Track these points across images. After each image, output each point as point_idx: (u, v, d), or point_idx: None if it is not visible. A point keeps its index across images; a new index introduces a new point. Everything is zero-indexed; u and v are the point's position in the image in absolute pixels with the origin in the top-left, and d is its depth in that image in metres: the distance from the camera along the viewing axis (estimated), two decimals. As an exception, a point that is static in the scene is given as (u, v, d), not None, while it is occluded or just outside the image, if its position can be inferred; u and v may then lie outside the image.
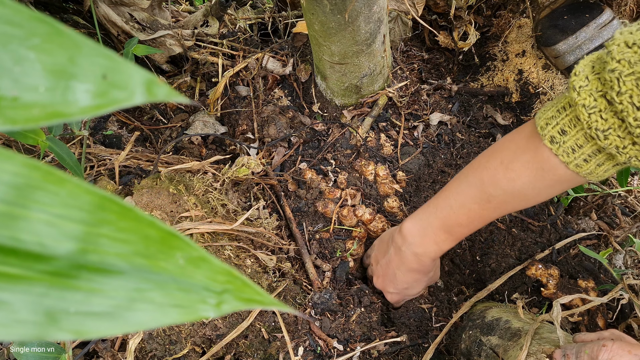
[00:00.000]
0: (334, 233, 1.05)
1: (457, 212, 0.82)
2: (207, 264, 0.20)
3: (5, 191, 0.18)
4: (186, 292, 0.19)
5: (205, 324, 0.85)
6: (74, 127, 0.97)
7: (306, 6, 0.95)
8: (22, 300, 0.18)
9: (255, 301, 0.20)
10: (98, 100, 0.19)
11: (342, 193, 1.07)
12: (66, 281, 0.19)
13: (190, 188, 0.97)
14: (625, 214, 1.19)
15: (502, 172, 0.73)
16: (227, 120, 1.25)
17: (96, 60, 0.19)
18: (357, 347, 0.94)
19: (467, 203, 0.80)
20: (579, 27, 1.07)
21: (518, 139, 0.72)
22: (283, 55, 1.25)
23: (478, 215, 0.80)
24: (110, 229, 0.19)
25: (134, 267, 0.19)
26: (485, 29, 1.24)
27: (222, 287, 0.20)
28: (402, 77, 1.20)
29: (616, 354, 0.67)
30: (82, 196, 0.19)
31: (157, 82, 0.19)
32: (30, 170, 0.18)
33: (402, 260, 0.92)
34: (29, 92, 0.18)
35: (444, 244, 0.87)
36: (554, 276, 1.03)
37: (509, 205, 0.78)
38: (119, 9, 1.18)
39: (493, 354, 0.88)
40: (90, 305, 0.19)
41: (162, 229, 0.19)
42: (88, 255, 0.19)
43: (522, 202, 0.76)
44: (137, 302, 0.19)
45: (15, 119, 0.18)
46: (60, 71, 0.19)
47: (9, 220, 0.18)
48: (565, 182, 0.70)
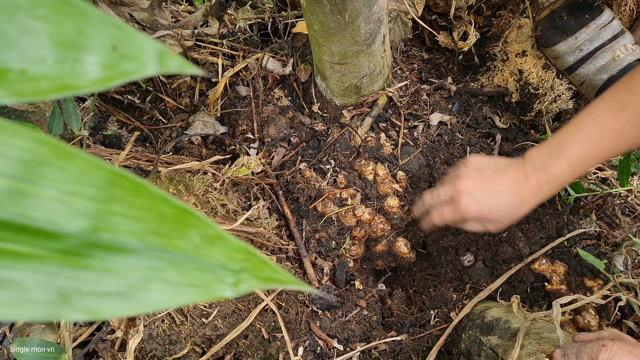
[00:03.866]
0: (334, 232, 1.05)
1: (584, 129, 0.77)
2: (223, 242, 0.19)
3: (14, 167, 0.17)
4: (202, 271, 0.19)
5: (205, 324, 0.85)
6: (74, 127, 0.96)
7: (306, 6, 0.94)
8: (33, 279, 0.17)
9: (273, 280, 0.19)
10: (108, 73, 0.18)
11: (341, 193, 1.07)
12: (78, 260, 0.18)
13: (190, 188, 0.96)
14: (625, 214, 1.19)
15: (637, 77, 0.72)
16: (227, 120, 1.25)
17: (105, 31, 0.18)
18: (357, 347, 0.94)
19: (597, 117, 0.76)
20: (579, 28, 1.07)
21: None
22: (283, 55, 1.25)
23: (609, 130, 0.75)
24: (122, 206, 0.18)
25: (148, 245, 0.19)
26: (485, 29, 1.24)
27: (239, 265, 0.19)
28: (402, 77, 1.19)
29: (616, 353, 0.67)
30: (92, 172, 0.18)
31: (169, 52, 0.18)
32: (39, 145, 0.18)
33: (512, 176, 0.84)
34: (36, 65, 0.18)
35: (571, 168, 0.79)
36: (557, 272, 1.02)
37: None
38: (118, 9, 1.18)
39: (493, 354, 0.87)
40: (103, 285, 0.18)
41: (177, 206, 0.19)
42: (100, 233, 0.18)
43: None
44: (152, 281, 0.19)
45: (22, 92, 0.17)
46: (68, 43, 0.18)
47: (18, 196, 0.17)
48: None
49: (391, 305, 1.10)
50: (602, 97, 0.78)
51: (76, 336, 0.82)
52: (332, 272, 1.03)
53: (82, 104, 1.13)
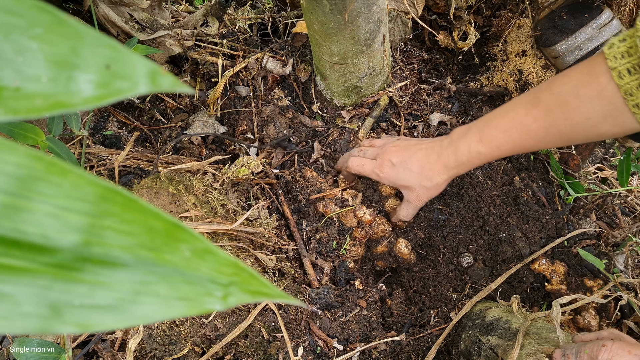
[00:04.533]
0: (334, 233, 1.05)
1: (502, 115, 0.80)
2: (212, 256, 0.19)
3: (8, 182, 0.18)
4: (192, 285, 0.19)
5: (205, 324, 0.85)
6: (74, 127, 0.96)
7: (306, 6, 0.94)
8: (26, 292, 0.18)
9: (262, 293, 0.20)
10: (101, 91, 0.19)
11: (342, 193, 1.07)
12: (70, 274, 0.18)
13: (190, 188, 0.96)
14: (625, 214, 1.19)
15: (559, 78, 0.73)
16: (227, 120, 1.25)
17: (99, 50, 0.19)
18: (357, 347, 0.94)
19: (515, 107, 0.79)
20: (579, 28, 1.06)
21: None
22: (283, 55, 1.25)
23: (519, 122, 0.77)
24: (114, 221, 0.19)
25: (139, 259, 0.19)
26: (485, 29, 1.24)
27: (228, 279, 0.19)
28: (402, 77, 1.19)
29: (616, 353, 0.67)
30: (85, 187, 0.18)
31: (161, 72, 0.19)
32: (33, 161, 0.18)
33: (429, 146, 0.90)
34: (31, 83, 0.18)
35: (477, 147, 0.83)
36: (557, 272, 1.03)
37: (551, 117, 0.74)
38: (118, 9, 1.18)
39: (493, 354, 0.88)
40: (94, 299, 0.18)
41: (167, 221, 0.19)
42: (92, 247, 0.19)
43: (564, 115, 0.72)
44: (142, 295, 0.19)
45: (17, 110, 0.18)
46: (62, 61, 0.18)
47: (12, 211, 0.18)
48: (605, 100, 0.67)
49: (391, 305, 1.10)
50: (529, 90, 0.81)
51: (76, 336, 0.82)
52: (332, 272, 1.03)
53: (83, 104, 1.14)
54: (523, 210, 1.09)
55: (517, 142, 0.79)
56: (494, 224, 1.10)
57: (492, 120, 0.82)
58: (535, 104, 0.75)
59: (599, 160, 1.48)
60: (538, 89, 0.77)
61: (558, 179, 1.12)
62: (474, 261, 1.11)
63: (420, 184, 0.92)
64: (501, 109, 0.82)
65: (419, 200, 0.95)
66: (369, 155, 1.00)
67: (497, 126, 0.80)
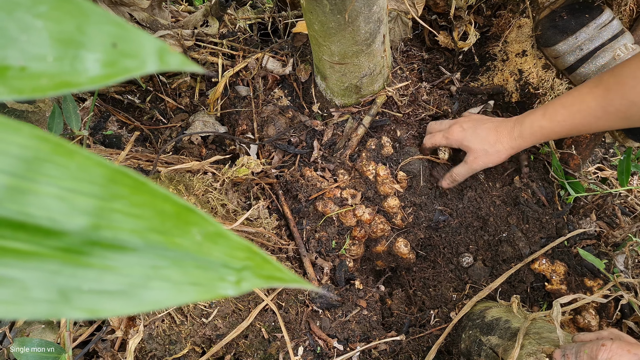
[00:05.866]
0: (334, 232, 1.05)
1: (567, 94, 0.88)
2: (225, 239, 0.19)
3: (13, 164, 0.17)
4: (204, 270, 0.19)
5: (205, 324, 0.84)
6: (74, 127, 0.96)
7: (306, 6, 0.94)
8: (34, 277, 0.17)
9: (275, 278, 0.19)
10: (108, 70, 0.18)
11: (342, 192, 1.06)
12: (79, 258, 0.18)
13: (190, 188, 0.96)
14: (625, 214, 1.19)
15: (623, 62, 0.80)
16: (227, 120, 1.25)
17: (105, 28, 0.18)
18: (357, 347, 0.93)
19: (581, 87, 0.86)
20: (579, 28, 1.06)
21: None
22: (283, 55, 1.25)
23: (580, 100, 0.85)
24: (123, 204, 0.18)
25: (149, 243, 0.18)
26: (485, 29, 1.24)
27: (241, 263, 0.19)
28: (402, 77, 1.19)
29: (615, 353, 0.67)
30: (93, 169, 0.18)
31: (169, 50, 0.18)
32: (39, 142, 0.17)
33: (498, 119, 1.00)
34: (36, 62, 0.18)
35: (540, 121, 0.92)
36: (557, 272, 1.02)
37: (609, 96, 0.80)
38: (118, 9, 1.17)
39: (493, 353, 0.87)
40: (104, 283, 0.18)
41: (178, 204, 0.19)
42: (101, 231, 0.18)
43: (621, 93, 0.79)
44: (153, 280, 0.18)
45: (22, 89, 0.17)
46: (68, 40, 0.18)
47: (18, 194, 0.17)
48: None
49: (391, 305, 1.10)
50: (596, 76, 0.88)
51: (76, 336, 0.82)
52: (332, 272, 1.03)
53: (82, 103, 1.13)
54: (523, 210, 1.09)
55: (577, 119, 0.86)
56: (494, 224, 1.10)
57: (558, 99, 0.90)
58: (597, 84, 0.83)
59: (599, 160, 1.48)
60: (603, 72, 0.84)
61: (558, 178, 1.12)
62: (474, 261, 1.11)
63: (483, 148, 1.00)
64: (569, 91, 0.90)
65: (475, 162, 1.03)
66: (444, 125, 1.10)
67: (561, 102, 0.89)
